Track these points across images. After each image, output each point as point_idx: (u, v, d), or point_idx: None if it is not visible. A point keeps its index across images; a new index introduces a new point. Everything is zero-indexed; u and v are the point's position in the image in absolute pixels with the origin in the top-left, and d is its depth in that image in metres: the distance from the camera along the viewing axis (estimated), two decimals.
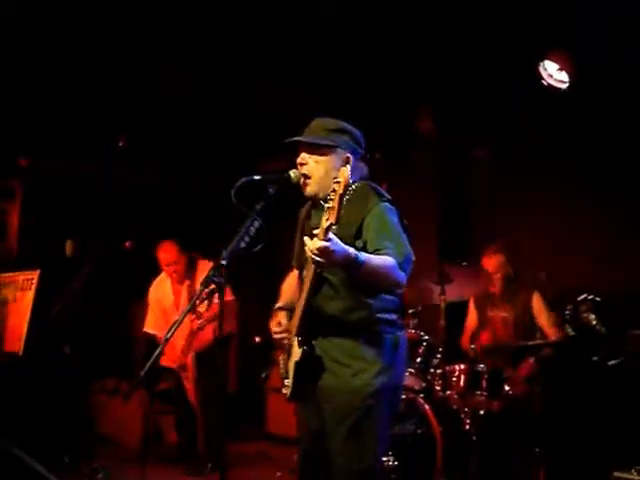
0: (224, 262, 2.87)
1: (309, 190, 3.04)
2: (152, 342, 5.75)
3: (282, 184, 3.00)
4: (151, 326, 5.87)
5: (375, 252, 2.81)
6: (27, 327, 5.33)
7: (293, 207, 3.32)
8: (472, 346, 4.88)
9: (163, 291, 5.93)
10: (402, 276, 2.85)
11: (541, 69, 5.19)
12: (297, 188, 3.06)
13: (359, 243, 2.89)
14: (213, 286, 2.87)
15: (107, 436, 6.24)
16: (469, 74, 5.47)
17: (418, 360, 4.88)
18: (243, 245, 2.92)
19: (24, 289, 5.53)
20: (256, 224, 2.94)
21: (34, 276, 5.50)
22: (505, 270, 5.05)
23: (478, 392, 4.58)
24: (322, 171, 3.01)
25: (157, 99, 6.14)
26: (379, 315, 2.96)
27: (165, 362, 5.67)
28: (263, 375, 6.90)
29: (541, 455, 4.35)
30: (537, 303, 4.97)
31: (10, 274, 5.72)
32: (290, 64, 5.61)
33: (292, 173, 3.03)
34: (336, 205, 2.54)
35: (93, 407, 6.54)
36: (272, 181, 3.01)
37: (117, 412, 6.43)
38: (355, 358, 2.92)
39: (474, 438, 4.46)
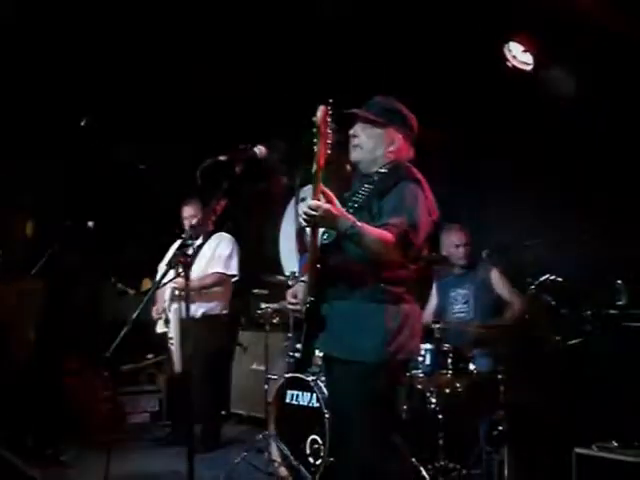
0: (190, 242, 2.87)
1: (355, 155, 3.16)
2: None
3: (248, 162, 3.01)
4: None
5: (382, 225, 2.87)
6: None
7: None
8: (437, 326, 4.92)
9: None
10: (398, 253, 2.91)
11: (506, 51, 5.20)
12: (263, 164, 3.06)
13: (375, 208, 2.98)
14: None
15: (72, 418, 6.17)
16: (435, 54, 5.48)
17: None
18: (210, 224, 2.92)
19: None
20: (222, 203, 2.94)
21: None
22: (469, 245, 5.14)
23: (444, 371, 4.61)
24: (371, 145, 3.13)
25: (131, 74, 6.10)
26: (383, 286, 2.99)
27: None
28: (244, 345, 6.94)
29: (505, 433, 4.40)
30: (495, 277, 5.05)
31: None
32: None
33: (257, 150, 3.03)
34: (320, 149, 2.74)
35: (57, 389, 6.47)
36: (238, 160, 3.01)
37: (81, 393, 6.37)
38: (357, 328, 2.97)
39: (440, 416, 4.50)
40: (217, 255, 5.80)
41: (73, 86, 6.10)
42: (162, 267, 5.98)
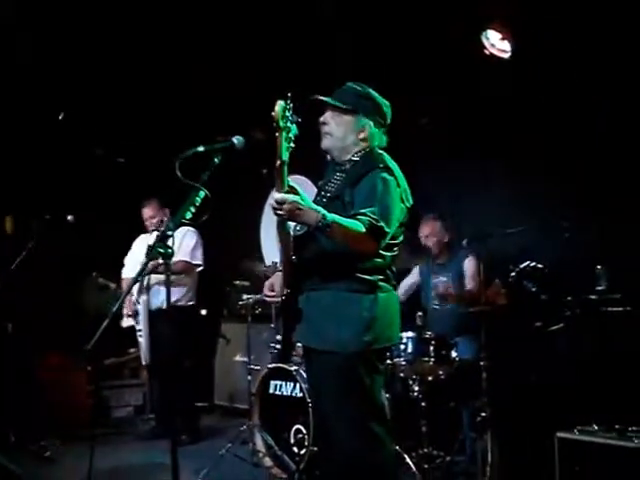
0: (169, 233, 2.85)
1: (325, 143, 3.14)
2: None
3: (226, 152, 2.99)
4: (126, 273, 6.10)
5: (353, 216, 2.84)
6: None
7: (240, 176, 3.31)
8: (419, 313, 4.93)
9: (144, 245, 5.97)
10: (371, 244, 2.87)
11: (483, 38, 5.20)
12: (242, 155, 3.04)
13: (348, 197, 2.96)
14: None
15: (54, 412, 6.15)
16: (413, 43, 5.48)
17: None
18: (189, 216, 2.90)
19: None
20: (201, 194, 2.92)
21: None
22: (440, 235, 5.16)
23: (426, 359, 4.62)
24: (341, 132, 3.11)
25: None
26: (359, 275, 2.97)
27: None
28: (227, 338, 6.97)
29: (488, 419, 4.42)
30: (468, 265, 5.05)
31: None
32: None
33: (235, 140, 3.01)
34: (278, 143, 2.71)
35: (40, 384, 6.45)
36: (216, 150, 2.98)
37: (64, 388, 6.34)
38: (333, 318, 2.96)
39: (423, 404, 4.52)
40: (183, 247, 5.86)
41: (50, 80, 6.05)
42: (128, 261, 6.12)
